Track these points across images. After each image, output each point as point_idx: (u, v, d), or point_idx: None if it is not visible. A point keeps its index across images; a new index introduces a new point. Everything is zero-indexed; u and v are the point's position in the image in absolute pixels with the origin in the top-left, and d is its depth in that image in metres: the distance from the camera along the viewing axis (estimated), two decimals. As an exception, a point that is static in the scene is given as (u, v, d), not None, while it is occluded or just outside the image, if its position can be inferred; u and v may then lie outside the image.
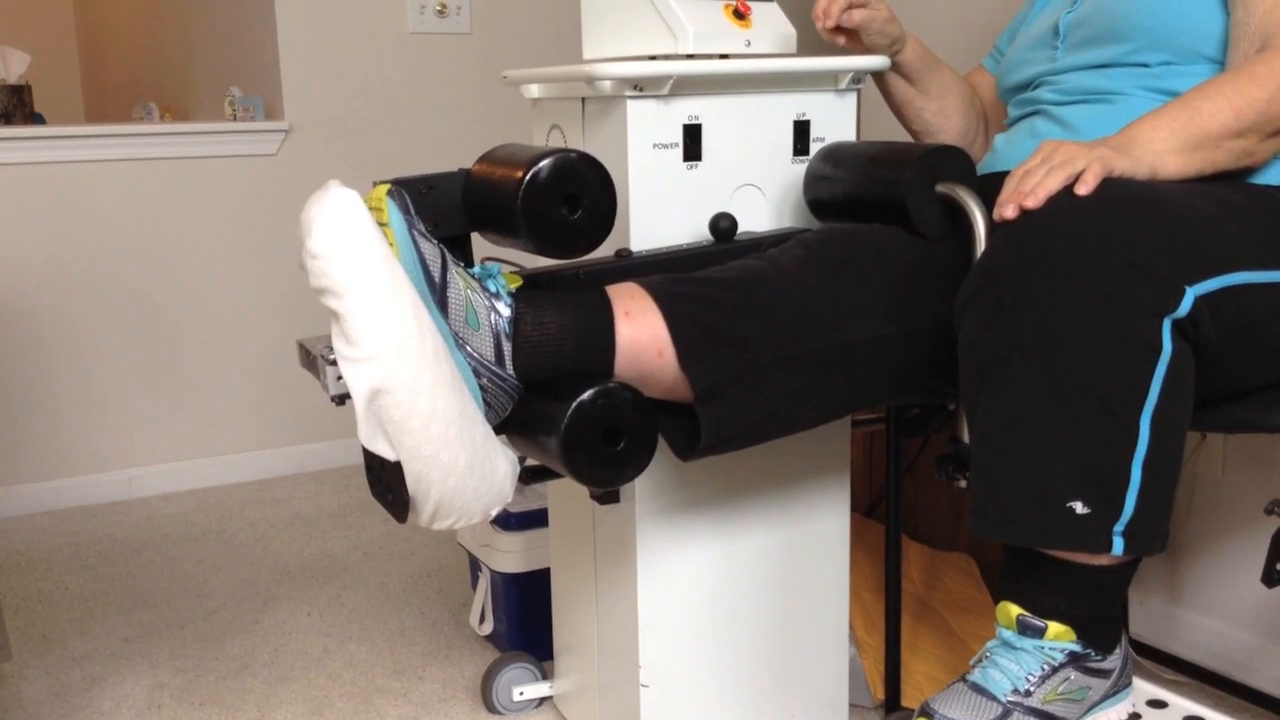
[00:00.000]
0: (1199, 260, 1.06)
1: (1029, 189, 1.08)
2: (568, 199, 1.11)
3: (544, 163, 1.10)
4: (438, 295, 1.05)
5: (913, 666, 1.70)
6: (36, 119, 3.43)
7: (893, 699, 1.63)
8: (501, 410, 1.11)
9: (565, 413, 1.07)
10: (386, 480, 1.07)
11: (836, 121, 1.44)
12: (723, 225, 1.31)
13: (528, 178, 1.09)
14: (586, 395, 1.07)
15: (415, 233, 1.05)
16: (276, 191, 2.88)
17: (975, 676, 1.11)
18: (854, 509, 1.60)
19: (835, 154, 1.37)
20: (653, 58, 1.36)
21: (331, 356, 1.03)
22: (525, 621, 1.83)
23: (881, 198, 1.29)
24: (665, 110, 1.33)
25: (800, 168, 1.42)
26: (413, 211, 1.06)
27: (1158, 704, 1.41)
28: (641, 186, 1.33)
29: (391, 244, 1.02)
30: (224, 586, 2.24)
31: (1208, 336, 1.05)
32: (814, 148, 1.42)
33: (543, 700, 1.74)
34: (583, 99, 1.38)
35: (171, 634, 2.04)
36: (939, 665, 1.71)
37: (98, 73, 4.91)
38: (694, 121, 1.35)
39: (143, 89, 4.06)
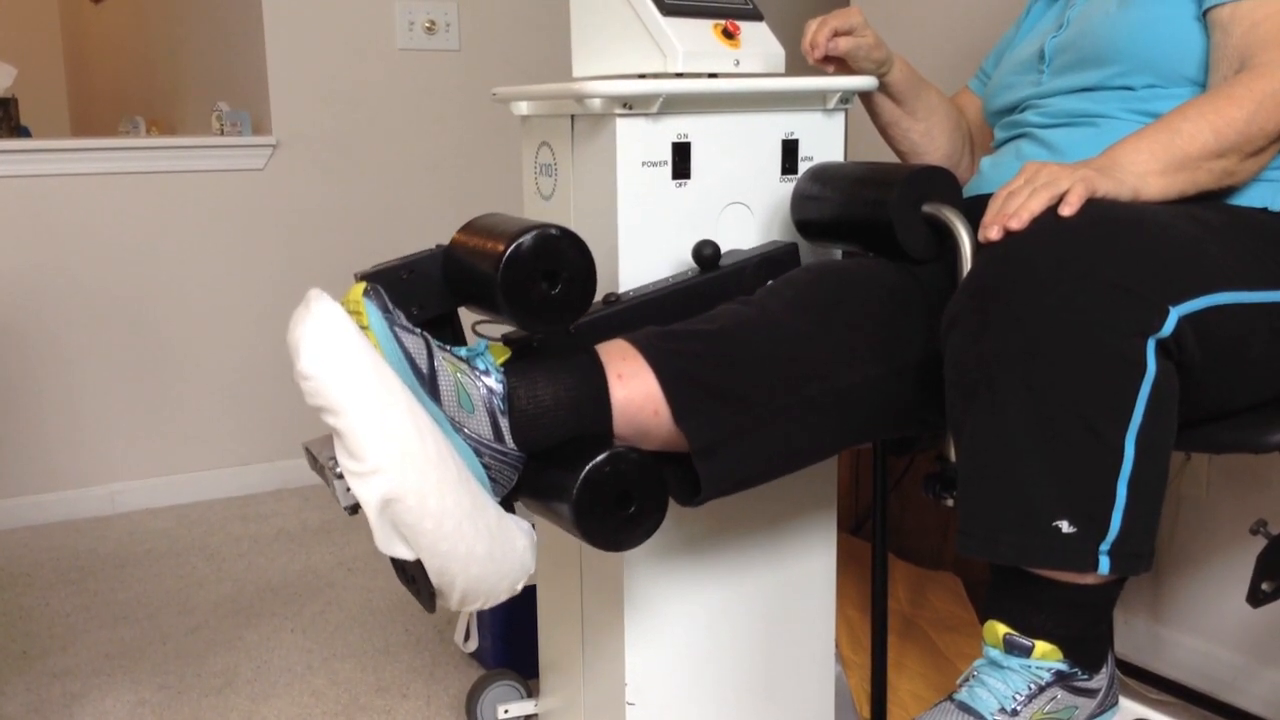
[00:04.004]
0: (1183, 280, 1.06)
1: (1013, 210, 1.09)
2: (547, 274, 1.10)
3: (525, 238, 1.08)
4: (428, 386, 1.06)
5: (898, 685, 1.70)
6: (22, 132, 3.42)
7: (879, 717, 1.63)
8: (507, 482, 1.13)
9: (575, 482, 1.08)
10: (411, 572, 1.09)
11: (824, 141, 1.45)
12: (706, 253, 1.31)
13: (508, 255, 1.08)
14: (594, 463, 1.08)
15: (397, 329, 1.05)
16: (263, 206, 2.87)
17: (962, 695, 1.10)
18: (840, 527, 1.61)
19: (823, 174, 1.38)
20: (642, 76, 1.37)
21: (339, 470, 1.04)
22: (510, 639, 1.82)
23: (868, 218, 1.29)
24: (654, 128, 1.33)
25: (788, 187, 1.42)
26: (391, 307, 1.07)
27: (1143, 723, 1.41)
28: (630, 204, 1.34)
29: (375, 346, 1.03)
30: (207, 602, 2.23)
31: (1191, 356, 1.06)
32: (802, 167, 1.43)
33: (528, 718, 1.74)
34: (572, 116, 1.39)
35: (154, 650, 2.02)
36: (925, 684, 1.71)
37: (84, 86, 4.90)
38: (683, 140, 1.35)
39: (129, 102, 4.06)
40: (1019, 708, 1.08)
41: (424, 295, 1.16)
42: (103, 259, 2.73)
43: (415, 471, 1.00)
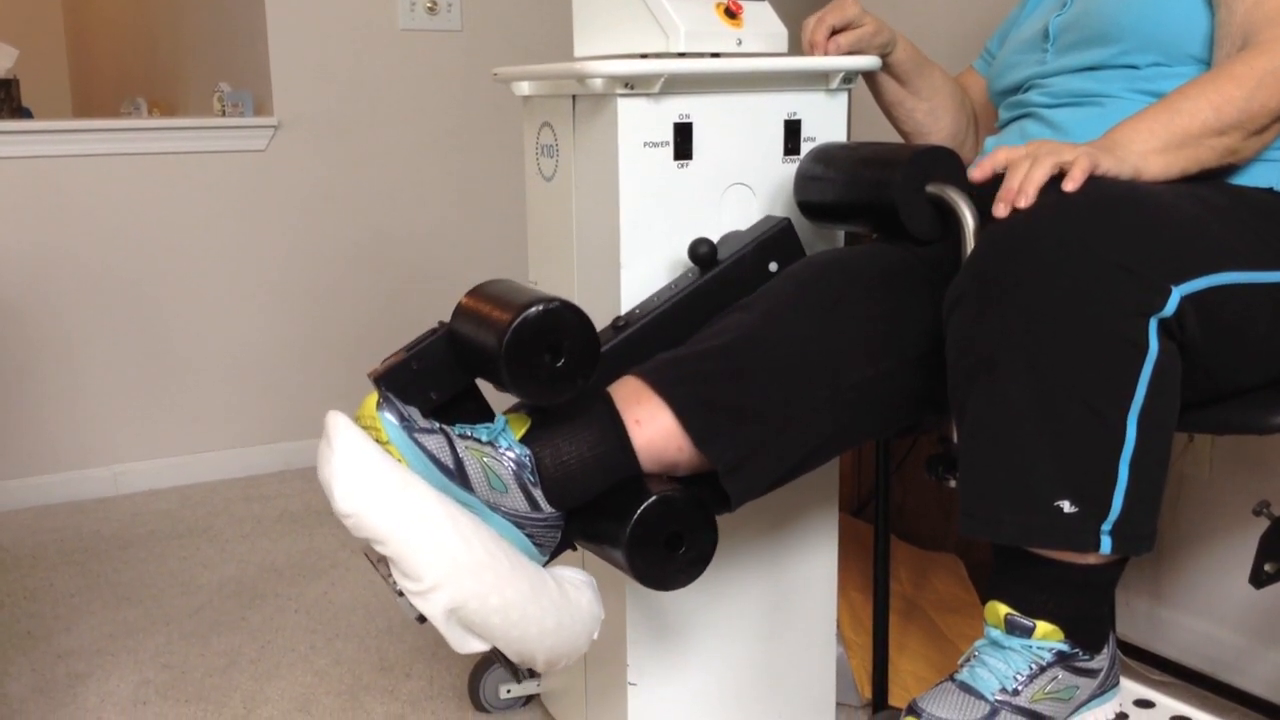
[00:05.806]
0: (1184, 260, 1.06)
1: (1016, 185, 1.08)
2: (551, 347, 1.11)
3: (528, 314, 1.08)
4: (458, 479, 1.08)
5: (900, 666, 1.70)
6: (24, 113, 3.41)
7: (880, 698, 1.64)
8: (551, 543, 1.15)
9: (625, 532, 1.11)
10: (494, 652, 1.13)
11: (827, 122, 1.44)
12: (702, 251, 1.31)
13: (510, 335, 1.08)
14: (643, 509, 1.11)
15: (415, 435, 1.07)
16: (265, 187, 2.87)
17: (963, 675, 1.11)
18: (842, 509, 1.61)
19: (825, 155, 1.38)
20: (644, 56, 1.36)
21: (399, 588, 1.09)
22: (513, 619, 1.82)
23: (872, 199, 1.29)
24: (656, 109, 1.33)
25: (791, 167, 1.42)
26: (406, 413, 1.09)
27: (1145, 704, 1.41)
28: (632, 185, 1.33)
29: (398, 458, 1.06)
30: (210, 583, 2.23)
31: (1193, 336, 1.06)
32: (805, 147, 1.42)
33: (530, 698, 1.74)
34: (573, 97, 1.38)
35: (157, 630, 2.03)
36: (926, 665, 1.72)
37: (86, 67, 4.88)
38: (685, 120, 1.35)
39: (131, 84, 4.05)
40: (1020, 687, 1.08)
41: (437, 379, 1.16)
42: (105, 240, 2.73)
43: (470, 578, 1.04)
